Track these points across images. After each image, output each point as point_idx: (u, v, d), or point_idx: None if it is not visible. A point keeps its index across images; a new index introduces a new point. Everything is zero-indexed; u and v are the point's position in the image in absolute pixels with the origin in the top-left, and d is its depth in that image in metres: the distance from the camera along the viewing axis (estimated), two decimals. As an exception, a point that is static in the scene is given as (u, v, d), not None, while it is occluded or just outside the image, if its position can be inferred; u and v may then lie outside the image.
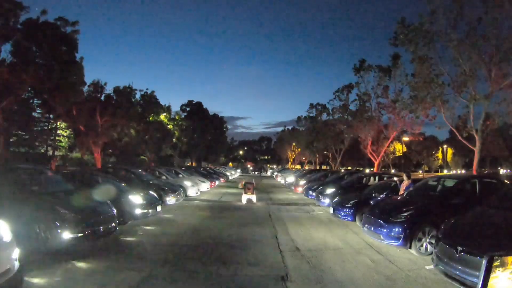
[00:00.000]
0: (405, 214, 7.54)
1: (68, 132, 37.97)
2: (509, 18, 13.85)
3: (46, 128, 37.77)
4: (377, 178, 15.73)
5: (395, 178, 12.51)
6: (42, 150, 39.58)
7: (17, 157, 33.46)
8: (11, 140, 32.79)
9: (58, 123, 36.37)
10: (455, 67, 15.92)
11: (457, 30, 15.25)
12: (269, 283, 5.26)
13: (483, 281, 3.69)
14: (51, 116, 35.11)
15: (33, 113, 35.72)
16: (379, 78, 26.64)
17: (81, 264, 5.87)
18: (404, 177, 10.71)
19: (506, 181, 10.22)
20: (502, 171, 62.35)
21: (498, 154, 59.50)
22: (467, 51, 14.94)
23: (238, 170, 65.65)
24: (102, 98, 33.23)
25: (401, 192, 10.22)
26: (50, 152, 37.55)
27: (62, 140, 39.02)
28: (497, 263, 3.96)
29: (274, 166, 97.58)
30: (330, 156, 48.20)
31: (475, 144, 15.65)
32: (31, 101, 33.50)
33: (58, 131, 37.86)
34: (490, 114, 15.84)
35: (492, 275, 3.69)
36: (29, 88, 27.56)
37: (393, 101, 24.86)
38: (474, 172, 16.18)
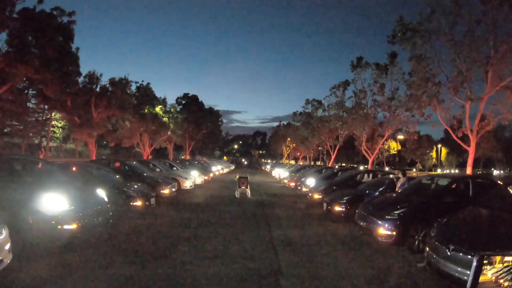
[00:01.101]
0: (398, 211, 7.59)
1: (62, 123, 37.77)
2: (507, 20, 13.93)
3: (40, 118, 37.52)
4: (371, 175, 15.80)
5: (391, 176, 12.58)
6: (36, 141, 39.38)
7: (11, 147, 33.26)
8: (5, 130, 32.57)
9: (52, 114, 36.14)
10: (452, 67, 15.99)
11: (455, 31, 15.31)
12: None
13: (473, 278, 3.74)
14: (46, 106, 34.88)
15: (28, 104, 35.47)
16: (376, 75, 26.65)
17: (74, 256, 5.86)
18: (400, 175, 10.81)
19: (499, 181, 10.34)
20: (495, 172, 62.83)
21: (492, 155, 59.99)
22: (464, 52, 15.00)
23: (232, 164, 65.70)
24: (98, 89, 33.07)
25: (397, 189, 10.32)
26: (45, 143, 37.34)
27: (57, 131, 38.81)
28: (486, 261, 4.02)
29: (269, 161, 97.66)
30: (325, 152, 48.28)
31: (470, 144, 15.77)
32: (26, 91, 33.24)
33: (53, 122, 37.61)
34: (485, 115, 15.96)
35: (482, 273, 3.75)
36: (24, 78, 27.33)
37: (389, 99, 24.94)
38: (470, 172, 16.30)
